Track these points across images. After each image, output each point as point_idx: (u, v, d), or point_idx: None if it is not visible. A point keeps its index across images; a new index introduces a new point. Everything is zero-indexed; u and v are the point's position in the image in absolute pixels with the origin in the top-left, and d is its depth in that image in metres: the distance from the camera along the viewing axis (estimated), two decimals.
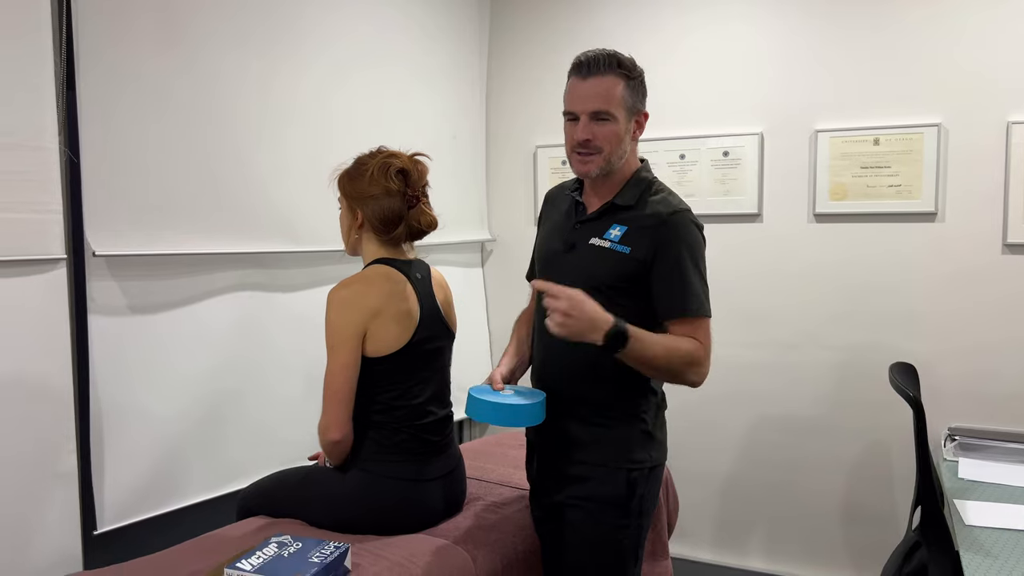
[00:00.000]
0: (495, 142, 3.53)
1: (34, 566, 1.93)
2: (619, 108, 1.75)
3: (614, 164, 1.78)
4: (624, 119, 1.76)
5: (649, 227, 1.75)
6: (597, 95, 1.74)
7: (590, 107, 1.74)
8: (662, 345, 1.67)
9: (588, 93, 1.75)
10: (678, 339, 1.71)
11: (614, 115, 1.74)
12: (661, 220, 1.75)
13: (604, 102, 1.74)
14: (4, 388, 1.88)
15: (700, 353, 1.71)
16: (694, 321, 1.73)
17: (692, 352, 1.70)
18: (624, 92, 1.75)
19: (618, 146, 1.77)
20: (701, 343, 1.72)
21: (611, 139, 1.75)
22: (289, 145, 2.55)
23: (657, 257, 1.73)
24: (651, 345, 1.65)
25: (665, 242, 1.73)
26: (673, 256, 1.72)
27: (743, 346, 3.10)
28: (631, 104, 1.77)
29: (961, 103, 2.74)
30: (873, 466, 2.92)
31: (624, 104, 1.76)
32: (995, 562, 1.84)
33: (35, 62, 1.92)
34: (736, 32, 3.05)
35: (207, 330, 2.35)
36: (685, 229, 1.75)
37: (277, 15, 2.51)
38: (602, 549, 1.81)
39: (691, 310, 1.72)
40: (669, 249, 1.73)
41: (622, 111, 1.75)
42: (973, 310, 2.76)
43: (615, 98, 1.74)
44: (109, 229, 2.09)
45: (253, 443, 2.46)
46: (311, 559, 1.59)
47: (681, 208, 1.78)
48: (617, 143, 1.76)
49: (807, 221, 2.99)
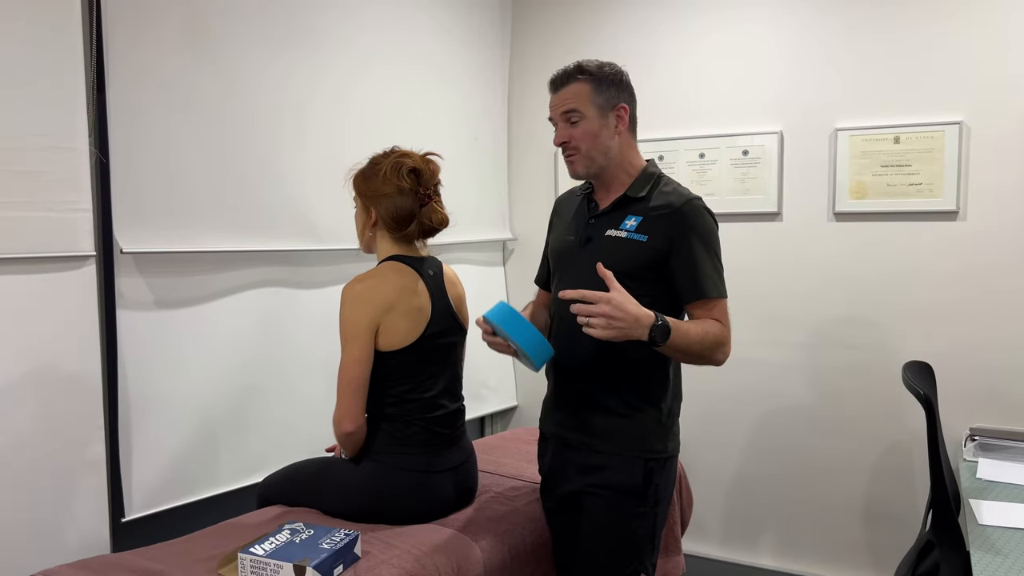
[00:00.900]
0: (517, 143, 3.57)
1: (65, 550, 2.00)
2: (587, 106, 1.85)
3: (598, 160, 1.88)
4: (596, 116, 1.86)
5: (664, 216, 1.82)
6: (564, 101, 1.87)
7: (560, 109, 1.88)
8: (696, 331, 1.75)
9: (557, 101, 1.89)
10: (706, 323, 1.79)
11: (583, 113, 1.85)
12: (675, 208, 1.83)
13: (571, 103, 1.86)
14: (37, 379, 1.96)
15: (725, 333, 1.81)
16: (713, 302, 1.81)
17: (719, 335, 1.79)
18: (591, 92, 1.85)
19: (594, 142, 1.86)
20: (723, 324, 1.81)
21: (585, 137, 1.86)
22: (311, 146, 2.62)
23: (674, 244, 1.81)
24: (687, 333, 1.72)
25: (681, 229, 1.81)
26: (690, 242, 1.80)
27: (762, 344, 3.10)
28: (602, 101, 1.86)
29: (983, 100, 2.71)
30: (892, 466, 2.91)
31: (593, 102, 1.86)
32: (1005, 560, 1.84)
33: (67, 68, 2.01)
34: (755, 32, 3.05)
35: (230, 326, 2.42)
36: (699, 216, 1.83)
37: (299, 18, 2.58)
38: (618, 537, 1.85)
39: (710, 292, 1.80)
40: (685, 236, 1.80)
41: (591, 108, 1.85)
42: (995, 309, 2.73)
43: (582, 98, 1.85)
44: (136, 227, 2.16)
45: (274, 437, 2.53)
46: (321, 545, 1.65)
47: (693, 197, 1.86)
48: (592, 139, 1.86)
49: (827, 220, 2.98)
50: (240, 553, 1.61)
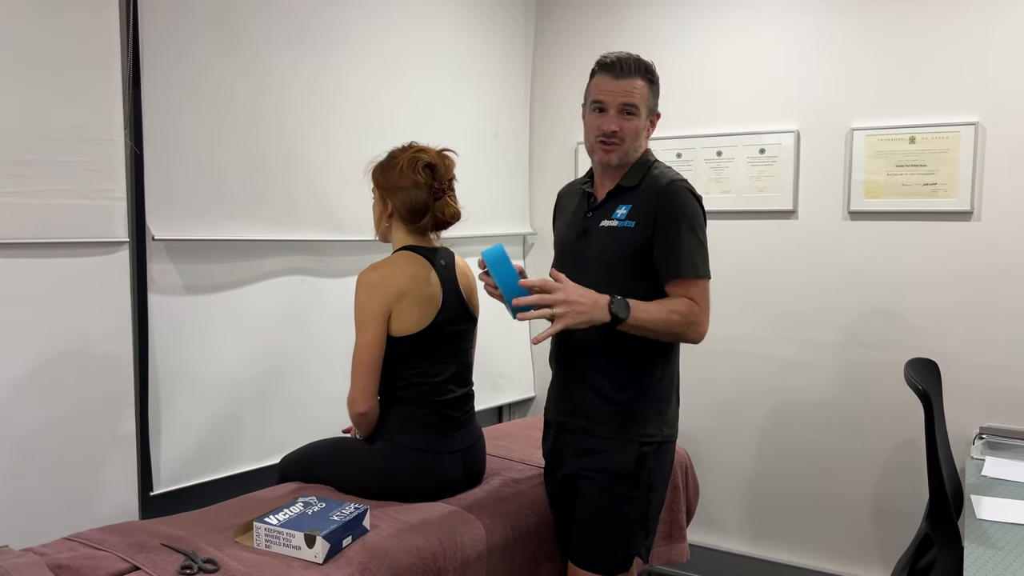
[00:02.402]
0: (539, 139, 3.65)
1: (96, 520, 2.11)
2: (643, 105, 1.93)
3: (631, 155, 1.95)
4: (644, 116, 1.94)
5: (648, 199, 1.89)
6: (627, 92, 1.91)
7: (621, 100, 1.90)
8: (660, 309, 1.81)
9: (620, 89, 1.91)
10: (674, 301, 1.84)
11: (639, 110, 1.91)
12: (658, 190, 1.89)
13: (634, 97, 1.91)
14: (73, 358, 2.08)
15: (696, 312, 1.85)
16: (689, 282, 1.86)
17: (688, 313, 1.83)
18: (648, 94, 1.94)
19: (636, 139, 1.94)
20: (697, 303, 1.85)
21: (632, 132, 1.92)
22: (337, 140, 2.71)
23: (656, 224, 1.86)
24: (648, 309, 1.79)
25: (662, 210, 1.86)
26: (670, 222, 1.86)
27: (775, 340, 3.14)
28: (651, 104, 1.96)
29: (999, 102, 2.72)
30: (900, 463, 2.93)
31: (647, 103, 1.94)
32: (998, 553, 1.86)
33: (104, 64, 2.12)
34: (773, 32, 3.09)
35: (256, 311, 2.52)
36: (680, 196, 1.88)
37: (328, 16, 2.67)
38: (610, 519, 1.92)
39: (686, 272, 1.85)
40: (666, 216, 1.86)
41: (644, 108, 1.93)
42: (1007, 309, 2.75)
43: (643, 96, 1.92)
44: (167, 215, 2.27)
45: (295, 419, 2.63)
46: (332, 517, 1.74)
47: (676, 178, 1.91)
48: (636, 137, 1.93)
49: (842, 219, 3.01)
50: (255, 522, 1.71)
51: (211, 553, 1.63)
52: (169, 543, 1.67)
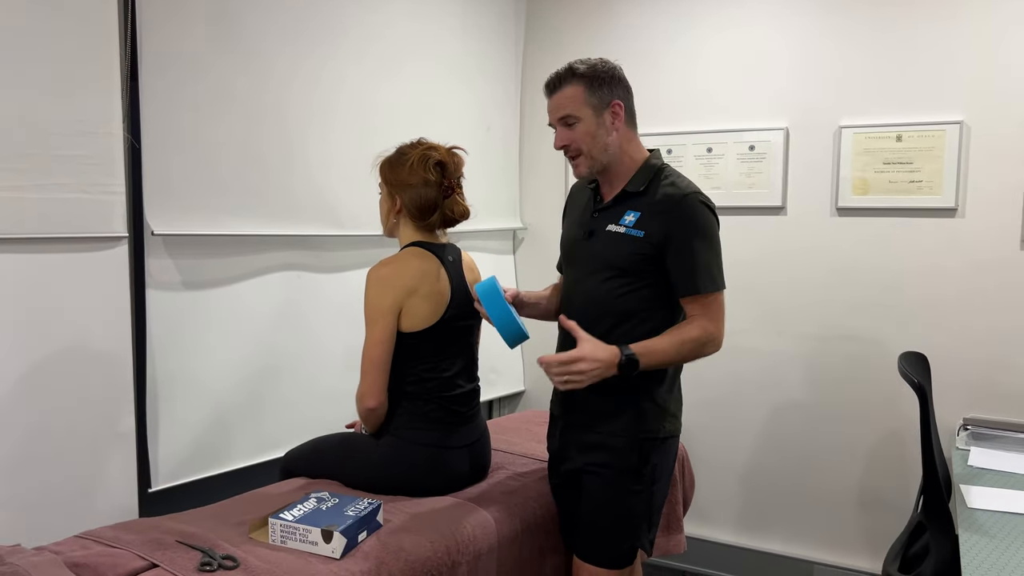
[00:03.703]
0: (529, 136, 3.66)
1: (95, 517, 2.10)
2: (582, 108, 1.91)
3: (600, 158, 1.94)
4: (591, 116, 1.92)
5: (661, 211, 1.88)
6: (560, 106, 1.94)
7: (556, 115, 1.95)
8: (671, 344, 1.84)
9: (552, 105, 1.96)
10: (684, 329, 1.86)
11: (578, 116, 1.91)
12: (673, 203, 1.88)
13: (566, 107, 1.92)
14: (72, 354, 2.06)
15: (709, 332, 1.87)
16: (705, 298, 1.88)
17: (699, 337, 1.86)
18: (584, 94, 1.91)
19: (593, 142, 1.92)
20: (710, 320, 1.88)
21: (583, 138, 1.92)
22: (334, 136, 2.71)
23: (670, 239, 1.86)
24: (661, 351, 1.83)
25: (677, 224, 1.86)
26: (685, 237, 1.86)
27: (764, 334, 3.19)
28: (596, 101, 1.92)
29: (983, 101, 2.80)
30: (887, 454, 3.01)
31: (587, 103, 1.92)
32: (991, 541, 1.92)
33: (104, 56, 2.09)
34: (763, 31, 3.14)
35: (254, 307, 2.51)
36: (696, 210, 1.88)
37: (325, 11, 2.66)
38: (615, 513, 1.94)
39: (705, 288, 1.87)
40: (681, 231, 1.86)
41: (586, 109, 1.91)
42: (990, 304, 2.82)
43: (576, 101, 1.91)
44: (165, 210, 2.25)
45: (291, 416, 2.62)
46: (347, 512, 1.75)
47: (692, 191, 1.90)
48: (591, 140, 1.92)
49: (830, 215, 3.07)
50: (271, 518, 1.71)
51: (228, 549, 1.63)
52: (184, 540, 1.66)
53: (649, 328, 1.88)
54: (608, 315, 1.91)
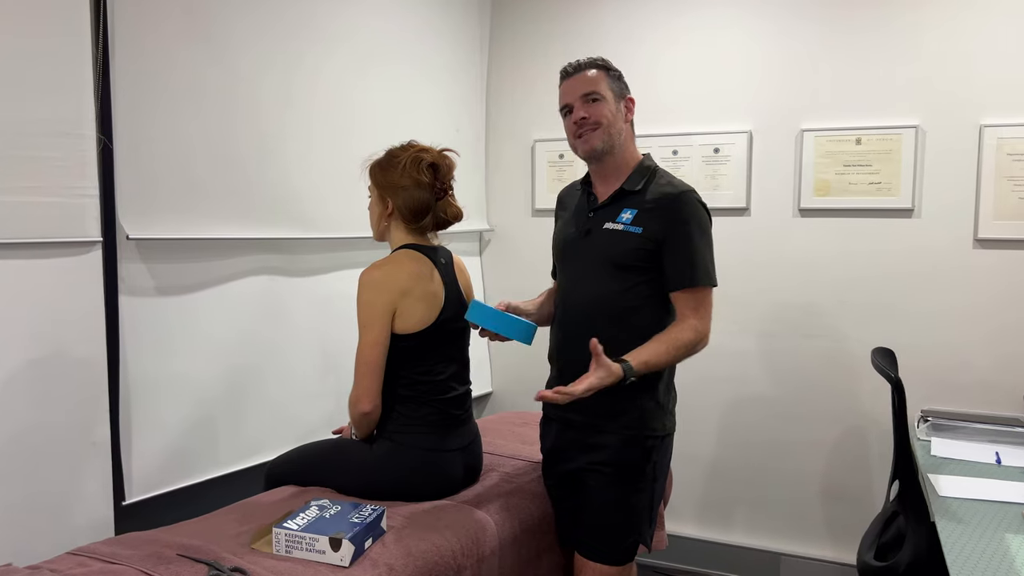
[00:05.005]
0: (495, 136, 3.66)
1: (72, 532, 2.01)
2: (606, 90, 1.98)
3: (615, 139, 1.97)
4: (612, 100, 1.97)
5: (658, 208, 1.93)
6: (584, 83, 1.98)
7: (580, 91, 1.97)
8: (666, 349, 1.88)
9: (576, 84, 1.99)
10: (676, 332, 1.91)
11: (603, 95, 1.96)
12: (669, 200, 1.93)
13: (592, 85, 1.97)
14: (45, 363, 1.97)
15: (699, 332, 1.94)
16: (698, 292, 1.94)
17: (691, 339, 1.92)
18: (607, 79, 1.99)
19: (613, 123, 1.96)
20: (700, 319, 1.94)
21: (604, 115, 1.96)
22: (309, 136, 2.66)
23: (667, 234, 1.91)
24: (658, 357, 1.87)
25: (674, 220, 1.92)
26: (681, 232, 1.92)
27: (729, 333, 3.26)
28: (616, 88, 1.99)
29: (937, 107, 2.92)
30: (850, 448, 3.11)
31: (610, 87, 1.98)
32: (967, 528, 2.01)
33: (75, 54, 2.00)
34: (729, 35, 3.21)
35: (228, 312, 2.44)
36: (692, 207, 1.94)
37: (296, 8, 2.61)
38: (620, 510, 1.97)
39: (701, 280, 1.93)
40: (678, 227, 1.92)
41: (609, 93, 1.97)
42: (946, 301, 2.95)
43: (601, 83, 1.97)
44: (139, 214, 2.17)
45: (271, 421, 2.57)
46: (352, 519, 1.72)
47: (686, 188, 1.97)
48: (612, 118, 1.96)
49: (792, 215, 3.16)
50: (275, 528, 1.67)
51: (233, 561, 1.59)
52: (186, 553, 1.61)
53: (646, 322, 1.93)
54: (606, 310, 1.95)
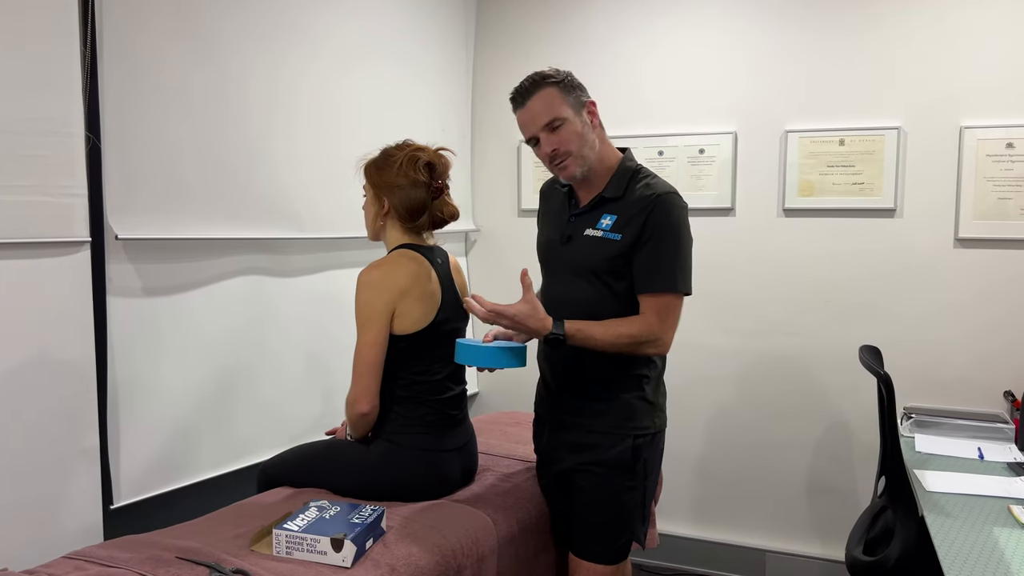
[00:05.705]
0: (480, 136, 3.66)
1: (62, 537, 1.99)
2: (565, 109, 1.89)
3: (589, 157, 1.92)
4: (575, 117, 1.90)
5: (636, 213, 1.89)
6: (539, 112, 1.89)
7: (540, 123, 1.89)
8: (604, 331, 1.85)
9: (530, 115, 1.90)
10: (623, 323, 1.87)
11: (563, 117, 1.88)
12: (645, 204, 1.88)
13: (549, 112, 1.88)
14: (33, 365, 1.94)
15: (652, 331, 1.88)
16: (659, 297, 1.89)
17: (638, 334, 1.87)
18: (561, 95, 1.89)
19: (582, 141, 1.91)
20: (659, 320, 1.88)
21: (573, 139, 1.89)
22: (296, 135, 2.64)
23: (640, 238, 1.88)
24: (592, 333, 1.84)
25: (648, 224, 1.87)
26: (653, 237, 1.87)
27: (714, 332, 3.29)
28: (572, 101, 1.91)
29: (919, 108, 2.97)
30: (835, 445, 3.15)
31: (566, 103, 1.89)
32: (955, 522, 2.05)
33: (63, 53, 1.97)
34: (714, 37, 3.24)
35: (218, 313, 2.42)
36: (668, 211, 1.89)
37: (283, 7, 2.59)
38: (611, 509, 1.97)
39: (661, 286, 1.88)
40: (650, 230, 1.87)
41: (569, 111, 1.89)
42: (927, 299, 3.00)
43: (557, 104, 1.88)
44: (128, 214, 2.14)
45: (260, 422, 2.55)
46: (352, 520, 1.71)
47: (666, 191, 1.91)
48: (580, 139, 1.90)
49: (776, 215, 3.19)
50: (275, 529, 1.66)
51: (234, 563, 1.57)
52: (185, 555, 1.59)
53: None
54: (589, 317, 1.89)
